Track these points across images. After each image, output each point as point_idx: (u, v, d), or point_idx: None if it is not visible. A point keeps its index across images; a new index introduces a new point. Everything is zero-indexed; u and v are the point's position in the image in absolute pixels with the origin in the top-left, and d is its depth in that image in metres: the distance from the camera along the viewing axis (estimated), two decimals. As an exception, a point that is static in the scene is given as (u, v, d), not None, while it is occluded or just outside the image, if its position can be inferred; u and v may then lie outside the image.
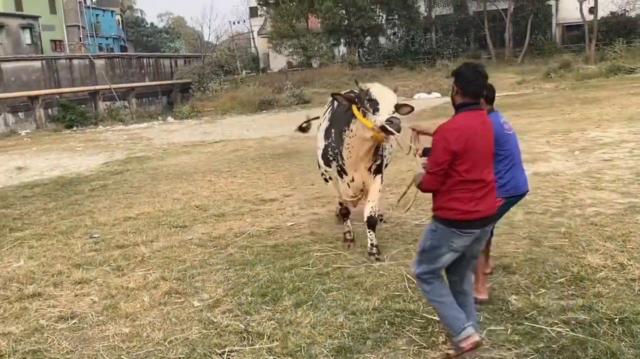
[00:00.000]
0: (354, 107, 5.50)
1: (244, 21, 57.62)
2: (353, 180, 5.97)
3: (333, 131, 6.04)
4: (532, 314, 4.23)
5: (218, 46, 51.70)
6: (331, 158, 6.08)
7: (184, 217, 8.16)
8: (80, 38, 50.13)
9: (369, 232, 5.92)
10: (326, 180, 6.61)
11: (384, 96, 5.27)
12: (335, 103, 6.09)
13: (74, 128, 28.95)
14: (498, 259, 5.40)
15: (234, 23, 58.23)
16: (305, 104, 30.88)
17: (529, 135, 13.10)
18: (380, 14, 41.84)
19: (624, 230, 5.90)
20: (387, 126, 5.01)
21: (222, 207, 8.60)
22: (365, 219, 5.98)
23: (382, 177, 6.07)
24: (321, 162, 6.33)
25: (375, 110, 5.20)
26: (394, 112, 5.15)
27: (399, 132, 5.04)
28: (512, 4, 39.28)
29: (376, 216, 6.01)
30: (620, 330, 3.86)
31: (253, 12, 52.71)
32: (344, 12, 39.62)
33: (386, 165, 6.31)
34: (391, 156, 6.55)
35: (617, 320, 3.98)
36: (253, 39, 53.02)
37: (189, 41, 75.44)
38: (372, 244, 5.88)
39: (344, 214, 6.54)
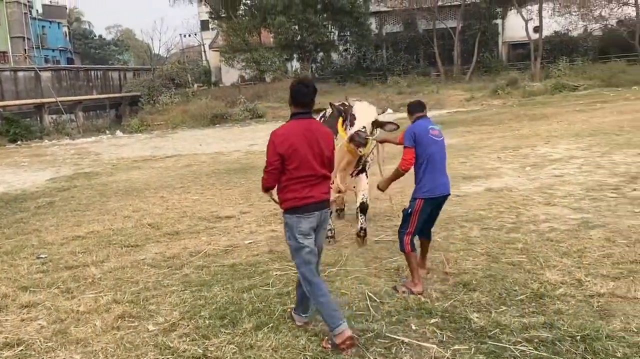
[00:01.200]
0: (340, 120, 6.23)
1: (195, 34, 57.21)
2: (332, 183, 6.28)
3: None
4: (494, 332, 4.21)
5: (168, 59, 51.12)
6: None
7: (136, 236, 7.89)
8: (25, 50, 48.61)
9: (361, 216, 6.69)
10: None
11: (363, 112, 5.88)
12: (327, 112, 6.83)
13: (19, 142, 27.92)
14: (458, 276, 5.41)
15: (185, 36, 57.85)
16: (259, 119, 30.76)
17: (480, 151, 13.35)
18: (333, 30, 42.21)
19: (579, 246, 6.00)
20: (354, 138, 5.72)
21: (176, 225, 8.37)
22: (357, 206, 6.79)
23: (366, 173, 6.81)
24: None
25: (352, 124, 5.85)
26: (364, 127, 5.75)
27: (363, 144, 5.76)
28: (460, 22, 40.27)
29: (367, 202, 6.73)
30: (583, 348, 3.88)
31: (204, 26, 52.35)
32: (296, 27, 39.76)
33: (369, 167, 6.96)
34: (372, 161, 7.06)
35: (578, 337, 4.00)
36: (205, 52, 52.58)
37: (139, 54, 74.42)
38: (361, 227, 6.65)
39: (337, 191, 6.97)
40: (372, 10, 42.72)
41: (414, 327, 4.42)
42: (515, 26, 40.72)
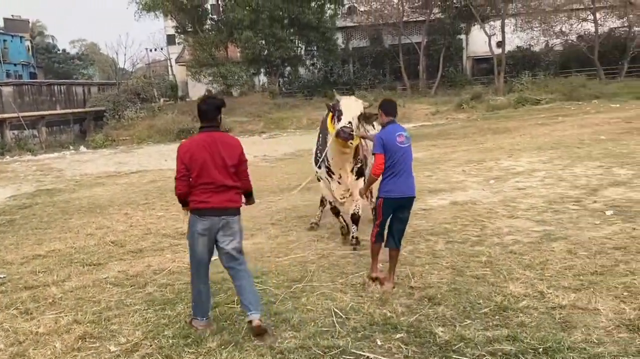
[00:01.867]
0: (330, 116, 6.70)
1: (162, 49, 56.77)
2: (341, 177, 7.04)
3: (321, 136, 7.35)
4: (459, 346, 4.24)
5: (134, 73, 50.54)
6: (319, 160, 7.26)
7: (99, 254, 7.73)
8: (-15, 64, 47.58)
9: (353, 226, 7.06)
10: (319, 179, 7.68)
11: (349, 107, 6.34)
12: (325, 113, 7.15)
13: (-22, 159, 27.24)
14: (423, 290, 5.43)
15: (150, 50, 57.31)
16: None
17: (446, 164, 13.51)
18: (300, 45, 42.34)
19: (541, 258, 6.09)
20: (339, 133, 6.28)
21: (139, 243, 8.23)
22: (350, 215, 7.14)
23: (364, 180, 6.94)
24: (313, 164, 7.61)
25: (339, 119, 6.35)
26: (349, 123, 6.25)
27: (349, 138, 6.27)
28: (425, 38, 40.83)
29: (359, 213, 7.05)
30: (545, 360, 3.93)
31: (171, 40, 51.97)
32: (263, 42, 39.75)
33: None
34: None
35: (541, 350, 4.05)
36: (171, 66, 52.22)
37: (104, 68, 73.49)
38: (352, 236, 7.00)
39: (335, 212, 7.61)
40: (338, 25, 43.01)
41: (379, 343, 4.42)
42: (478, 41, 41.49)
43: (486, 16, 39.50)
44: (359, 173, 7.13)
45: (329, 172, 7.24)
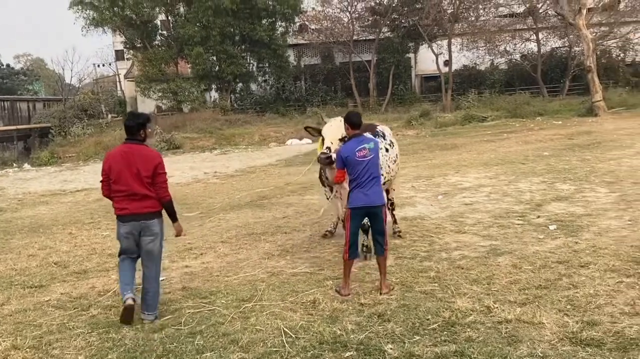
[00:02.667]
0: (320, 139, 6.91)
1: (110, 64, 55.72)
2: (341, 194, 7.02)
3: None
4: (408, 363, 4.25)
5: (81, 89, 49.42)
6: (323, 178, 7.63)
7: (41, 275, 7.46)
8: None
9: (362, 235, 6.93)
10: (327, 198, 7.99)
11: (329, 131, 6.65)
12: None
13: None
14: (373, 307, 5.45)
15: (98, 66, 56.13)
16: (176, 150, 30.18)
17: (396, 180, 13.63)
18: (251, 61, 42.34)
19: (487, 273, 6.20)
20: (319, 159, 6.64)
21: (84, 264, 7.99)
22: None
23: None
24: (320, 182, 7.99)
25: (323, 144, 6.68)
26: (327, 148, 6.51)
27: (327, 163, 6.56)
28: (375, 56, 41.48)
29: (367, 223, 6.76)
30: (491, 374, 3.98)
31: (119, 55, 51.09)
32: (214, 58, 39.56)
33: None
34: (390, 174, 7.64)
35: (487, 364, 4.10)
36: (119, 82, 51.28)
37: (50, 84, 71.56)
38: (362, 244, 6.95)
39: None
40: (290, 42, 43.22)
41: (329, 361, 4.39)
42: (426, 60, 42.41)
43: (433, 35, 40.50)
44: None
45: (330, 189, 7.64)
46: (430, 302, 5.45)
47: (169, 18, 42.26)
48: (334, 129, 6.65)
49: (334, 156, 6.31)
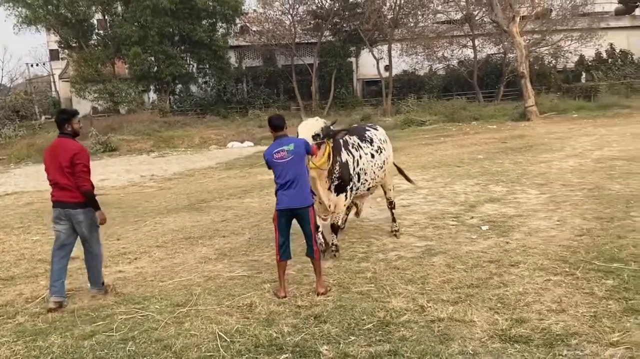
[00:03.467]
0: None
1: (44, 64, 53.79)
2: (321, 198, 7.07)
3: None
4: (343, 363, 4.27)
5: (13, 89, 47.40)
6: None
7: (-36, 283, 7.09)
8: None
9: (332, 234, 7.30)
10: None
11: (303, 129, 6.63)
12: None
13: None
14: (309, 309, 5.44)
15: (32, 65, 54.10)
16: (112, 152, 29.39)
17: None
18: (191, 62, 41.71)
19: (422, 273, 6.30)
20: None
21: (11, 269, 7.66)
22: (330, 225, 7.38)
23: (345, 195, 7.23)
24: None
25: None
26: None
27: None
28: (317, 59, 41.68)
29: (337, 223, 7.32)
30: (423, 372, 4.04)
31: (54, 55, 49.35)
32: (152, 59, 38.73)
33: (352, 188, 7.37)
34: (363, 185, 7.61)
35: (420, 363, 4.17)
36: (54, 82, 49.55)
37: (-22, 83, 68.37)
38: (332, 243, 7.28)
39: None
40: (231, 44, 42.83)
41: (264, 364, 4.36)
42: (368, 64, 42.94)
43: (374, 40, 41.05)
44: (338, 189, 7.16)
45: (311, 192, 7.42)
46: (366, 302, 5.50)
47: (106, 17, 41.10)
48: (308, 127, 6.71)
49: None
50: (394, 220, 8.34)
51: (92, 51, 39.50)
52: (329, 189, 7.12)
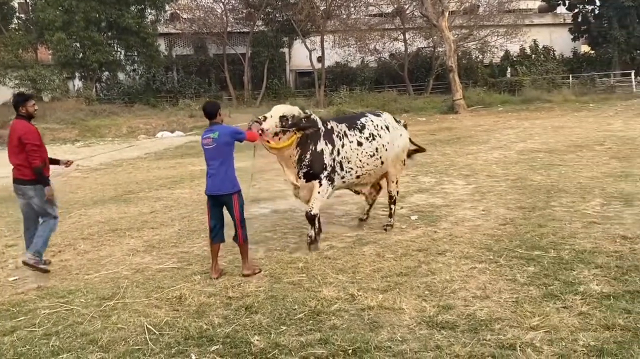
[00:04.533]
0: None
1: (-41, 48, 50.73)
2: (291, 184, 7.19)
3: None
4: (274, 353, 4.27)
5: None
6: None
7: None
8: None
9: (309, 225, 7.14)
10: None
11: (276, 109, 6.85)
12: None
13: None
14: (241, 300, 5.41)
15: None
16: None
17: (268, 174, 13.67)
18: (119, 49, 40.38)
19: (353, 262, 6.39)
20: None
21: None
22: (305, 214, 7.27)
23: (320, 182, 7.01)
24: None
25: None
26: (263, 116, 6.76)
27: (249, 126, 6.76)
28: (250, 49, 41.32)
29: (311, 213, 7.01)
30: (353, 360, 4.10)
31: (-30, 39, 46.68)
32: (78, 45, 37.23)
33: (330, 177, 7.12)
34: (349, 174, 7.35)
35: (350, 351, 4.22)
36: (-30, 68, 46.84)
37: None
38: (307, 234, 7.16)
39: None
40: (160, 31, 41.77)
41: (194, 357, 4.31)
42: (301, 55, 42.95)
43: (307, 32, 41.08)
44: (307, 176, 7.02)
45: (286, 180, 7.46)
46: (298, 292, 5.52)
47: (28, 0, 39.21)
48: (282, 109, 6.88)
49: (261, 125, 6.62)
50: (390, 215, 8.05)
51: (12, 35, 37.70)
52: (298, 175, 7.07)
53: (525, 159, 13.40)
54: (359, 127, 7.48)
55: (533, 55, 44.01)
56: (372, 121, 7.64)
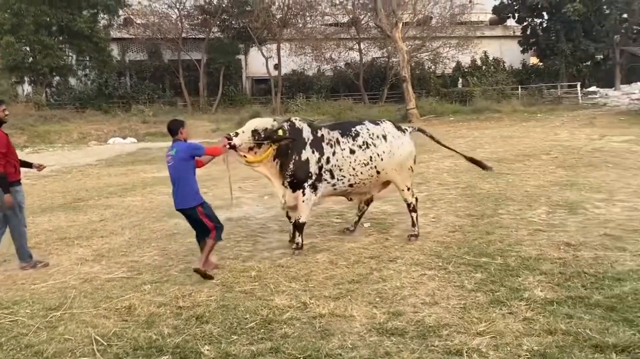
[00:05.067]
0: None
1: None
2: (280, 195, 7.24)
3: None
4: (224, 363, 4.25)
5: None
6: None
7: None
8: None
9: (297, 232, 7.24)
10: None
11: (250, 123, 7.05)
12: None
13: None
14: (191, 309, 5.36)
15: None
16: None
17: (223, 181, 13.59)
18: (70, 54, 39.46)
19: (306, 270, 6.41)
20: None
21: None
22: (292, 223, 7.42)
23: (303, 191, 7.07)
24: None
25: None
26: (235, 132, 6.96)
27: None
28: (205, 55, 41.03)
29: (299, 221, 7.16)
30: (303, 368, 4.12)
31: None
32: (27, 49, 36.28)
33: (314, 186, 7.18)
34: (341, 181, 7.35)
35: None
36: None
37: None
38: (294, 241, 7.27)
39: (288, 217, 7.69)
40: (113, 36, 41.05)
41: (142, 367, 4.25)
42: (257, 62, 42.91)
43: (263, 39, 41.07)
44: (292, 185, 7.08)
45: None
46: (250, 301, 5.51)
47: (-26, 2, 37.97)
48: (255, 123, 7.00)
49: (233, 141, 6.76)
50: (413, 224, 7.75)
51: (-43, 37, 36.32)
52: (283, 184, 7.13)
53: (474, 168, 13.54)
54: (353, 134, 7.36)
55: (484, 67, 45.15)
56: (367, 129, 7.47)
